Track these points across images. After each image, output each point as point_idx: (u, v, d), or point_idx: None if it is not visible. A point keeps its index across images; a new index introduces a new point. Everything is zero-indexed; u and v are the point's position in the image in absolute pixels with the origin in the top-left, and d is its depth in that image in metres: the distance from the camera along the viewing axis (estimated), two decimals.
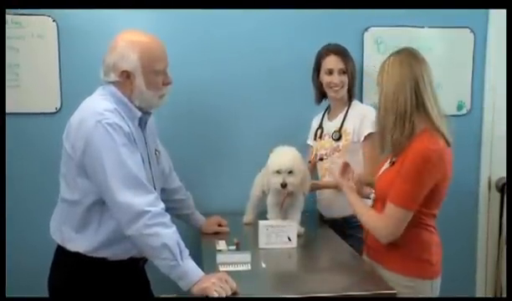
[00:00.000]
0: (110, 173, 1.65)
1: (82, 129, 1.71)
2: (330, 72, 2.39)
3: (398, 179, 1.76)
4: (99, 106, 1.73)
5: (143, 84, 1.79)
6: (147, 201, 1.66)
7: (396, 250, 1.84)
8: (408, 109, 1.76)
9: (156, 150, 2.02)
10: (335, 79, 2.37)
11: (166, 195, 2.11)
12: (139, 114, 1.84)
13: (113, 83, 1.80)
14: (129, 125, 1.76)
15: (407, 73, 1.79)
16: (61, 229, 1.83)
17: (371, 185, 2.07)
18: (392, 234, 1.78)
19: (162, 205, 1.72)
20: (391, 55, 1.87)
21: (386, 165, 1.93)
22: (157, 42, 1.85)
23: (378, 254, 1.90)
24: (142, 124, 1.89)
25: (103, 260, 1.79)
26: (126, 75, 1.79)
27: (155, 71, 1.81)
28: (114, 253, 1.80)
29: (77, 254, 1.78)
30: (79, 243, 1.78)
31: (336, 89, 2.39)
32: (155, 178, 1.94)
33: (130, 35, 1.83)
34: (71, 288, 1.82)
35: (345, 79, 2.37)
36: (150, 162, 1.92)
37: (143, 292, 2.03)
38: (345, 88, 2.40)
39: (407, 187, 1.74)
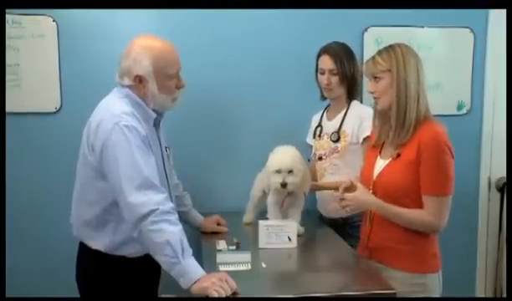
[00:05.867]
0: (123, 174, 1.71)
1: (100, 130, 1.77)
2: (322, 72, 2.39)
3: (425, 171, 1.79)
4: (117, 108, 1.81)
5: (156, 88, 1.86)
6: (156, 201, 1.70)
7: (405, 247, 1.86)
8: (417, 98, 1.85)
9: (166, 147, 2.08)
10: (325, 79, 2.37)
11: None
12: (154, 115, 1.91)
13: (127, 86, 1.87)
14: (144, 128, 1.82)
15: (417, 64, 1.88)
16: (81, 228, 1.90)
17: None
18: (445, 223, 1.83)
19: (171, 204, 1.76)
20: (393, 46, 1.91)
21: (383, 160, 1.93)
22: (170, 46, 1.91)
23: (385, 255, 1.90)
24: (156, 123, 1.96)
25: (123, 257, 1.87)
26: (139, 80, 1.85)
27: (167, 75, 1.87)
28: (131, 252, 1.87)
29: (98, 252, 1.87)
30: (100, 242, 1.86)
31: (326, 88, 2.39)
32: (168, 174, 2.01)
33: (144, 40, 1.88)
34: (94, 283, 1.92)
35: (334, 79, 2.35)
36: (163, 160, 1.99)
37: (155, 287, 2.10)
38: (339, 89, 2.38)
39: (441, 174, 1.79)
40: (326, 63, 2.36)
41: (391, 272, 1.85)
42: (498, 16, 2.79)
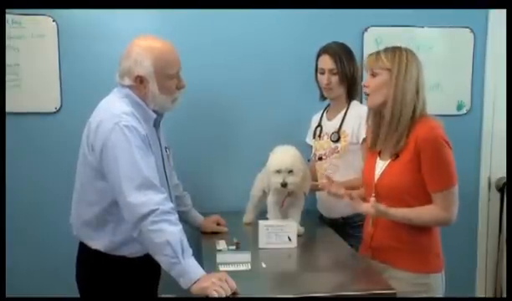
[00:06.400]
0: (122, 174, 1.71)
1: (100, 130, 1.77)
2: (322, 72, 2.39)
3: (427, 171, 1.79)
4: (117, 108, 1.81)
5: (156, 89, 1.87)
6: (156, 201, 1.70)
7: (408, 247, 1.87)
8: (412, 105, 1.85)
9: (166, 147, 2.08)
10: (324, 79, 2.36)
11: None
12: (154, 115, 1.92)
13: (128, 86, 1.87)
14: (144, 128, 1.83)
15: (418, 71, 1.87)
16: (81, 228, 1.91)
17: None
18: (455, 214, 1.84)
19: (171, 204, 1.77)
20: (400, 48, 1.90)
21: (383, 161, 1.93)
22: (170, 47, 1.91)
23: (388, 255, 1.91)
24: (156, 124, 1.97)
25: (123, 257, 1.87)
26: (140, 80, 1.85)
27: (168, 75, 1.88)
28: (131, 252, 1.87)
29: (98, 252, 1.87)
30: (100, 242, 1.86)
31: (326, 88, 2.39)
32: (167, 174, 2.02)
33: (145, 41, 1.89)
34: (94, 283, 1.92)
35: (334, 79, 2.35)
36: (163, 160, 2.00)
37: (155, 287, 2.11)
38: (338, 88, 2.38)
39: (443, 168, 1.80)
40: (326, 62, 2.36)
41: (395, 272, 1.86)
42: (498, 16, 2.78)
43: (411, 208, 1.84)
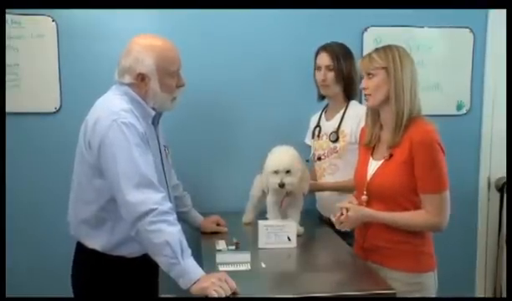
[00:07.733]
0: (121, 171, 1.70)
1: (98, 128, 1.76)
2: (318, 68, 2.39)
3: (420, 173, 1.80)
4: (115, 106, 1.79)
5: (157, 86, 1.86)
6: (154, 200, 1.69)
7: (401, 247, 1.87)
8: (410, 99, 1.86)
9: (164, 146, 2.07)
10: (320, 75, 2.37)
11: None
12: (153, 113, 1.91)
13: (127, 84, 1.86)
14: (143, 125, 1.82)
15: (412, 67, 1.88)
16: (78, 226, 1.90)
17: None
18: (447, 219, 1.84)
19: (170, 204, 1.75)
20: (391, 46, 1.91)
21: (376, 161, 1.93)
22: (170, 44, 1.92)
23: (381, 255, 1.91)
24: (155, 122, 1.96)
25: (120, 258, 1.86)
26: (141, 78, 1.85)
27: (169, 73, 1.88)
28: (129, 252, 1.86)
29: (94, 251, 1.85)
30: (97, 241, 1.85)
31: (322, 84, 2.39)
32: (166, 173, 2.00)
33: (145, 39, 1.89)
34: (91, 283, 1.91)
35: (330, 76, 2.36)
36: (161, 158, 1.98)
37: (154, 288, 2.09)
38: (335, 86, 2.38)
39: (436, 172, 1.80)
40: (323, 59, 2.37)
41: (388, 272, 1.86)
42: (498, 16, 2.79)
43: (401, 214, 1.85)
